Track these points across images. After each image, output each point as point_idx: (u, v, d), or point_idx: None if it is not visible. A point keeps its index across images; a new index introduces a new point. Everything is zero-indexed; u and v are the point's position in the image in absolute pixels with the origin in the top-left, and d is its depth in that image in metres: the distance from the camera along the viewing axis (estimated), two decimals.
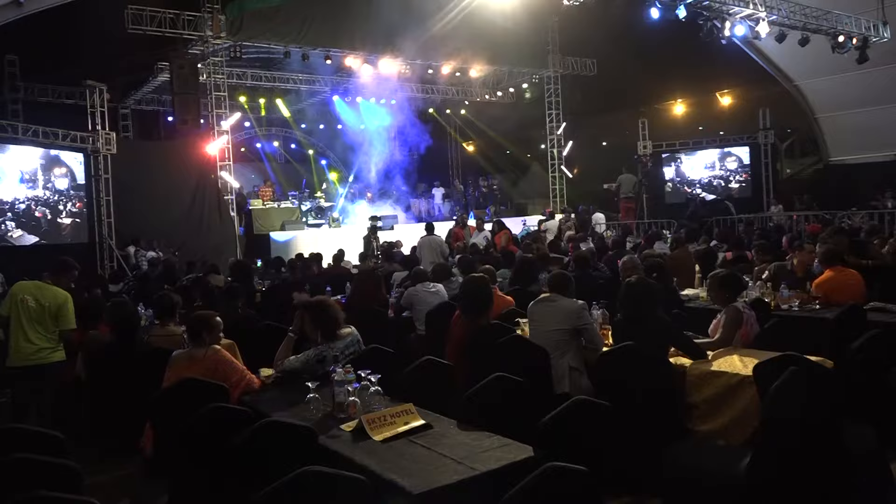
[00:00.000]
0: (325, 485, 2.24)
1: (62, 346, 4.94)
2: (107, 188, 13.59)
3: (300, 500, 2.18)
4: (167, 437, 3.37)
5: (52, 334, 4.90)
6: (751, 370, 3.77)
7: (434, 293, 6.30)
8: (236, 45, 15.75)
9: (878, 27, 13.92)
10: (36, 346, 4.79)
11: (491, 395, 3.30)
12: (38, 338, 4.80)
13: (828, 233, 7.07)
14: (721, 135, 20.69)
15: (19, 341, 4.77)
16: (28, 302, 4.88)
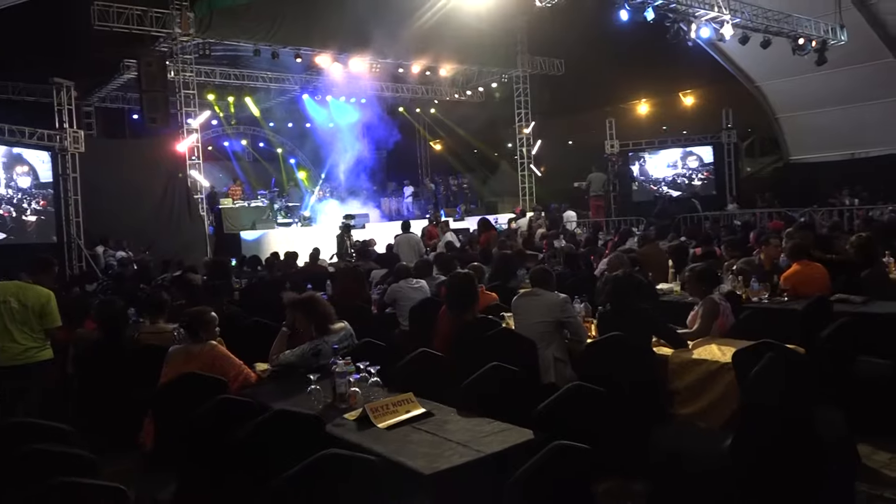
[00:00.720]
0: (344, 466, 2.35)
1: (49, 344, 4.92)
2: (75, 187, 13.39)
3: (320, 482, 2.29)
4: (170, 430, 3.43)
5: (38, 333, 4.88)
6: (729, 357, 3.97)
7: (417, 289, 6.42)
8: (205, 43, 15.63)
9: (835, 30, 14.43)
10: (23, 346, 4.77)
11: (487, 384, 3.42)
12: (25, 338, 4.78)
13: (795, 228, 7.36)
14: (685, 134, 21.17)
15: (5, 342, 4.74)
16: (11, 303, 4.84)
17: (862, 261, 6.49)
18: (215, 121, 21.98)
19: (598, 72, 19.45)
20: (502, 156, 24.39)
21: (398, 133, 23.64)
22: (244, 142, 24.44)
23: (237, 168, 23.27)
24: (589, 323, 4.94)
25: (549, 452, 2.32)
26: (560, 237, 11.94)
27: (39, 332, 4.88)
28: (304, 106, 22.13)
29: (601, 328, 4.55)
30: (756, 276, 6.08)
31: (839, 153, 17.97)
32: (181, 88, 15.67)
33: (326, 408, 3.38)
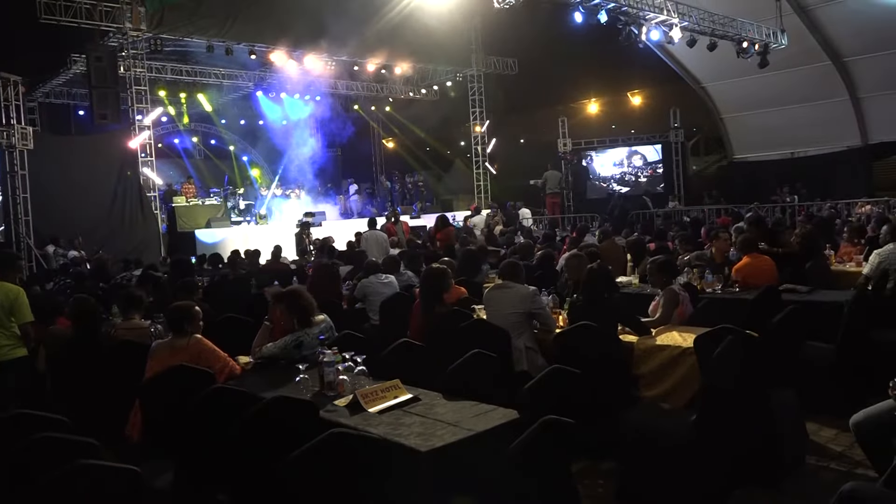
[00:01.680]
0: (351, 444, 2.49)
1: (23, 341, 4.90)
2: (23, 185, 13.05)
3: (330, 460, 2.42)
4: (160, 421, 3.50)
5: (10, 330, 4.85)
6: (690, 343, 4.24)
7: (387, 284, 6.56)
8: (156, 38, 15.35)
9: (777, 34, 15.11)
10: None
11: (468, 370, 3.60)
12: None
13: (748, 222, 7.76)
14: (633, 133, 21.77)
15: None
16: None
17: (805, 253, 6.93)
18: (165, 118, 21.57)
19: (551, 71, 19.85)
20: (456, 154, 24.62)
21: (352, 131, 23.64)
22: (195, 139, 24.05)
23: (189, 166, 22.89)
24: (556, 314, 5.17)
25: (540, 426, 2.51)
26: (518, 234, 12.23)
27: (11, 330, 4.85)
28: (258, 103, 21.92)
29: (572, 318, 4.78)
30: (709, 269, 6.43)
31: (780, 152, 18.80)
32: (132, 84, 15.36)
33: (315, 396, 3.51)
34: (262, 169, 23.81)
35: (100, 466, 2.29)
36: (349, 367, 3.69)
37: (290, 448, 2.61)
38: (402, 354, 4.10)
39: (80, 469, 2.22)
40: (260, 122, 22.88)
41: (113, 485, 2.28)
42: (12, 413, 2.95)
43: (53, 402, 4.76)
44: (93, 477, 2.24)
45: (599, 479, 4.05)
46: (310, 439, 2.62)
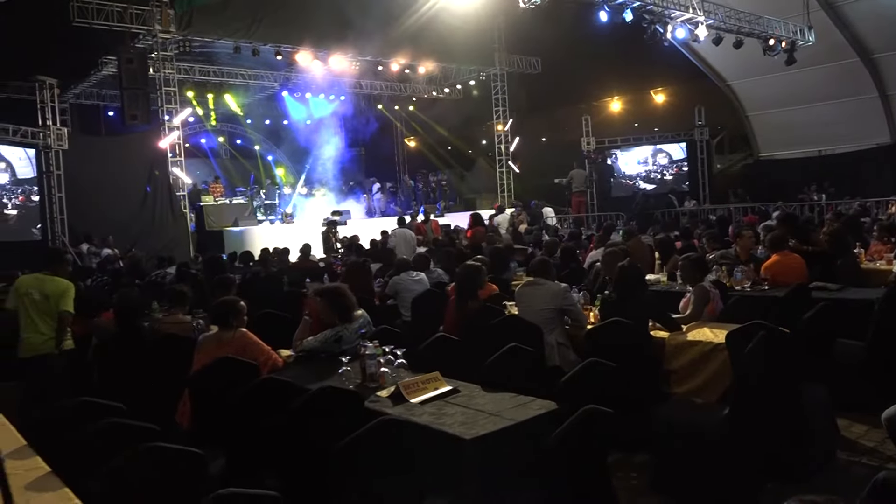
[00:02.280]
0: (399, 431, 2.61)
1: (70, 334, 5.10)
2: (59, 184, 13.37)
3: (379, 446, 2.54)
4: (209, 409, 3.65)
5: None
6: (721, 339, 4.30)
7: (418, 281, 6.69)
8: (185, 40, 15.62)
9: (804, 31, 14.99)
10: (45, 336, 4.95)
11: (506, 364, 3.70)
12: (48, 328, 4.97)
13: (778, 220, 7.78)
14: (656, 131, 21.67)
15: (29, 333, 4.92)
16: (33, 295, 5.03)
17: (835, 251, 6.93)
18: (192, 118, 21.90)
19: (574, 70, 19.84)
20: (478, 153, 24.68)
21: (376, 130, 23.83)
22: (221, 139, 24.38)
23: (215, 165, 23.21)
24: (587, 310, 5.26)
25: (581, 414, 2.61)
26: (543, 233, 12.31)
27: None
28: (283, 103, 22.16)
29: (604, 314, 4.86)
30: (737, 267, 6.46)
31: (807, 150, 18.62)
32: (161, 86, 15.65)
33: (358, 387, 3.63)
34: (286, 168, 24.07)
35: (167, 448, 2.43)
36: (389, 359, 3.81)
37: (337, 435, 2.74)
38: (438, 348, 4.21)
39: (149, 451, 2.36)
40: (284, 121, 23.13)
41: (179, 466, 2.41)
42: (78, 400, 3.10)
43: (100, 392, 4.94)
44: (161, 458, 2.39)
45: (632, 471, 4.13)
46: (355, 428, 2.74)
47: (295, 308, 6.62)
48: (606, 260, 5.93)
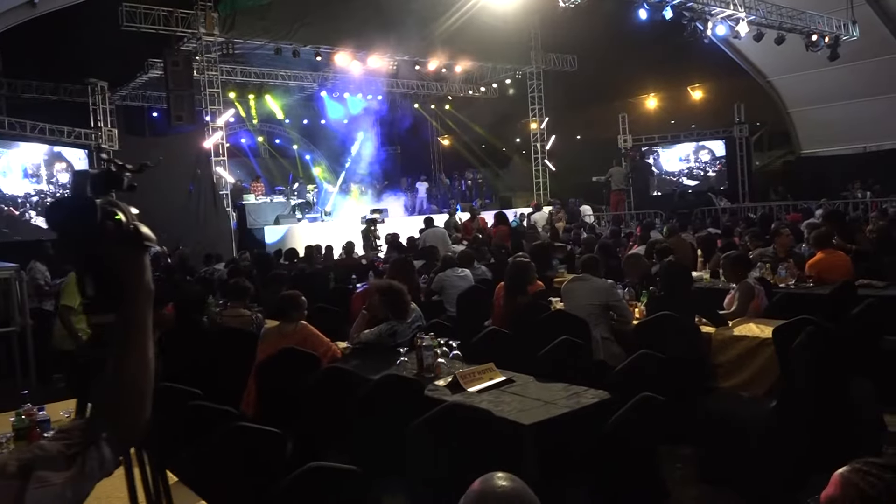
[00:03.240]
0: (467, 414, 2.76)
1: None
2: None
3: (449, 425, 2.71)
4: (274, 396, 3.85)
5: None
6: (767, 334, 4.37)
7: (463, 277, 6.85)
8: (228, 42, 16.00)
9: (847, 26, 14.77)
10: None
11: (557, 356, 3.83)
12: None
13: (824, 216, 7.77)
14: (693, 128, 21.47)
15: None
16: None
17: (880, 249, 6.90)
18: (232, 118, 22.36)
19: (610, 67, 19.76)
20: (513, 150, 24.72)
21: (412, 129, 24.06)
22: (260, 138, 24.82)
23: (255, 164, 23.64)
24: (633, 306, 5.36)
25: (638, 401, 2.73)
26: (581, 230, 12.36)
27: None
28: (320, 103, 22.48)
29: (650, 309, 4.96)
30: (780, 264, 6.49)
31: (851, 147, 18.29)
32: (206, 87, 16.06)
33: (415, 377, 3.79)
34: (323, 167, 24.41)
35: (251, 428, 2.63)
36: (444, 351, 3.98)
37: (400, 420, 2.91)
38: (489, 341, 4.36)
39: (236, 430, 2.56)
40: (322, 121, 23.47)
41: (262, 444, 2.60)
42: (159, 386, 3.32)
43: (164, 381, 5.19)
44: (247, 437, 2.58)
45: (678, 462, 4.23)
46: (417, 413, 2.91)
47: (341, 303, 6.84)
48: (629, 263, 6.03)
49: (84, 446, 1.11)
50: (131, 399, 1.22)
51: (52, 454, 1.08)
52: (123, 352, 1.23)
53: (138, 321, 1.25)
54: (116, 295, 1.25)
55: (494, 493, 1.34)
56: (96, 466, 1.12)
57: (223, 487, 2.25)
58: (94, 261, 1.25)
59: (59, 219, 1.21)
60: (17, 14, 10.83)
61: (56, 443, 1.10)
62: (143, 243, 1.28)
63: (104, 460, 1.13)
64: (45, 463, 1.05)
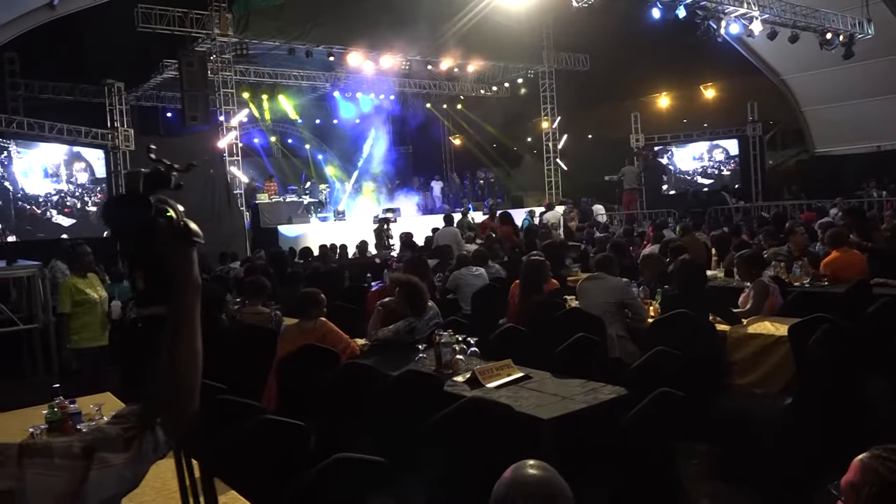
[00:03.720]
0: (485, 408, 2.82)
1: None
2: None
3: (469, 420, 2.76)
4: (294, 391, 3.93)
5: None
6: (783, 332, 4.40)
7: (478, 276, 6.90)
8: (242, 43, 16.12)
9: (862, 24, 14.69)
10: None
11: (574, 353, 3.88)
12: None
13: (844, 213, 7.80)
14: (706, 127, 21.40)
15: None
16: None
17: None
18: (245, 118, 22.49)
19: (622, 66, 19.73)
20: (524, 150, 24.73)
21: (423, 128, 24.13)
22: (273, 138, 24.95)
23: (268, 164, 23.78)
24: (647, 304, 5.39)
25: (656, 396, 2.78)
26: (594, 229, 12.38)
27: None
28: (333, 103, 22.58)
29: (665, 308, 5.00)
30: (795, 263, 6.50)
31: (865, 145, 18.18)
32: (220, 87, 16.18)
33: (433, 373, 3.85)
34: (336, 167, 24.52)
35: (277, 421, 2.70)
36: (462, 348, 4.03)
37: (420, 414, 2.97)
38: (506, 338, 4.42)
39: (263, 422, 2.63)
40: (334, 120, 23.59)
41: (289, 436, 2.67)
42: None
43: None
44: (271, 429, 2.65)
45: (694, 459, 4.26)
46: (436, 409, 2.97)
47: (357, 301, 6.91)
48: (645, 263, 6.06)
49: (140, 430, 1.18)
50: (181, 387, 1.29)
51: (112, 437, 1.14)
52: (173, 343, 1.29)
53: (187, 313, 1.32)
54: (166, 288, 1.32)
55: (526, 480, 1.40)
56: (151, 449, 1.19)
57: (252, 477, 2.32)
58: (145, 256, 1.31)
59: (115, 216, 1.28)
60: (36, 16, 10.99)
61: (114, 426, 1.17)
62: (192, 239, 1.34)
63: (158, 443, 1.20)
64: (105, 445, 1.11)
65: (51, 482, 1.03)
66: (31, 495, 1.01)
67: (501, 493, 1.39)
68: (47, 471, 1.04)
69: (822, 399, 3.84)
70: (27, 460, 1.03)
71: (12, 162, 12.95)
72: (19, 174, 13.06)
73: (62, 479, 1.04)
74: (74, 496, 1.05)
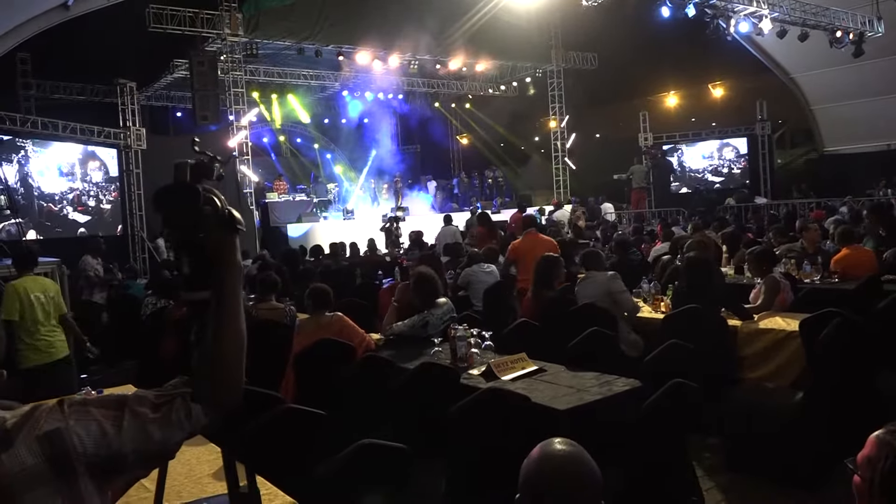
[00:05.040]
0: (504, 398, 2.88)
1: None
2: (138, 182, 14.12)
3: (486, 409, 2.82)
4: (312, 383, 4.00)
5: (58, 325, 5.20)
6: (794, 327, 4.45)
7: (489, 273, 6.97)
8: (252, 43, 16.22)
9: (872, 22, 14.65)
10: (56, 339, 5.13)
11: (587, 346, 3.94)
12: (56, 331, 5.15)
13: (869, 210, 7.86)
14: (714, 126, 21.37)
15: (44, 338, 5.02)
16: (40, 298, 5.04)
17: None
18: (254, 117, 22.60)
19: (630, 65, 19.73)
20: (532, 149, 24.76)
21: (431, 127, 24.20)
22: (282, 137, 25.06)
23: (276, 163, 23.90)
24: (658, 300, 5.44)
25: (670, 387, 2.83)
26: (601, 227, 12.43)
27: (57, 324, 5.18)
28: (341, 102, 22.67)
29: (676, 304, 5.04)
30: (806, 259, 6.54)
31: (876, 144, 18.11)
32: (230, 87, 16.29)
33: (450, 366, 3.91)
34: (344, 166, 24.62)
35: (298, 410, 2.76)
36: (477, 342, 4.09)
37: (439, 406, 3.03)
38: (519, 333, 4.48)
39: (285, 411, 2.69)
40: (343, 120, 23.68)
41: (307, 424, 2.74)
42: None
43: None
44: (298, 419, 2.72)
45: (706, 452, 4.31)
46: (453, 401, 3.03)
47: (368, 298, 6.99)
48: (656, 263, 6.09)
49: (172, 397, 1.26)
50: (227, 365, 1.36)
51: (144, 396, 1.26)
52: (218, 324, 1.36)
53: (231, 296, 1.39)
54: (210, 273, 1.38)
55: (555, 455, 1.45)
56: (183, 417, 1.27)
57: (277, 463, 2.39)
58: (190, 242, 1.38)
59: (166, 204, 1.35)
60: (50, 17, 11.12)
61: (149, 391, 1.26)
62: (235, 226, 1.41)
63: (190, 413, 1.28)
64: (137, 401, 1.24)
65: (89, 426, 1.17)
66: (75, 435, 1.15)
67: (532, 469, 1.45)
68: (85, 416, 1.17)
69: (834, 393, 3.88)
70: (68, 408, 1.18)
71: (29, 161, 13.14)
72: (36, 173, 13.25)
73: (97, 424, 1.17)
74: (111, 440, 1.18)
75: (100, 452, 1.16)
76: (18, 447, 1.10)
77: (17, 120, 12.86)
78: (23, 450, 1.10)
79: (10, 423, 1.13)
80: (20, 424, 1.13)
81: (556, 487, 1.41)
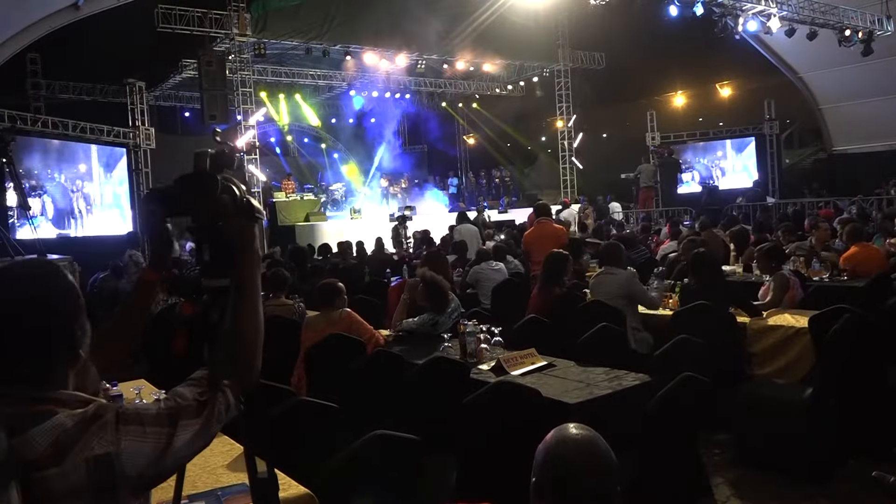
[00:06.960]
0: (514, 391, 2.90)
1: None
2: (147, 182, 14.20)
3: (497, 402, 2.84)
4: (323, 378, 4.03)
5: None
6: (803, 323, 4.45)
7: (498, 271, 6.99)
8: (260, 43, 16.29)
9: (882, 21, 14.59)
10: None
11: (597, 342, 3.95)
12: None
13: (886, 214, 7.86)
14: (721, 125, 21.32)
15: None
16: None
17: None
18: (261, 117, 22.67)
19: (637, 64, 19.70)
20: (539, 148, 24.76)
21: (439, 127, 24.23)
22: (289, 137, 25.14)
23: (284, 163, 23.97)
24: (667, 297, 5.44)
25: (680, 381, 2.84)
26: (610, 227, 12.40)
27: None
28: (348, 102, 22.73)
29: (684, 300, 5.05)
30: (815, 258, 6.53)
31: (885, 143, 18.02)
32: (238, 87, 16.35)
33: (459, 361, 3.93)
34: (351, 165, 24.68)
35: (313, 402, 2.79)
36: (486, 337, 4.11)
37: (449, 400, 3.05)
38: (529, 329, 4.49)
39: (300, 403, 2.72)
40: (350, 120, 23.74)
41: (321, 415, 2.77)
42: None
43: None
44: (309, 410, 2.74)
45: (716, 448, 4.31)
46: (463, 395, 3.04)
47: (377, 296, 7.01)
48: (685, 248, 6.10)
49: (213, 393, 1.29)
50: (247, 348, 1.39)
51: (190, 402, 1.28)
52: (239, 309, 1.39)
53: (250, 283, 1.41)
54: (230, 261, 1.41)
55: (571, 438, 1.47)
56: (223, 410, 1.32)
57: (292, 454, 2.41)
58: (211, 229, 1.41)
59: (184, 191, 1.37)
60: (61, 17, 11.19)
61: (191, 390, 1.29)
62: (254, 215, 1.44)
63: (229, 404, 1.32)
64: (186, 412, 1.26)
65: (141, 447, 1.20)
66: (125, 458, 1.18)
67: (550, 452, 1.46)
68: (139, 437, 1.20)
69: (843, 389, 3.88)
70: (122, 427, 1.19)
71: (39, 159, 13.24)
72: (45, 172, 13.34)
73: (150, 444, 1.21)
74: (159, 458, 1.21)
75: (147, 473, 1.20)
76: (67, 466, 1.13)
77: (27, 119, 12.96)
78: (70, 469, 1.13)
79: (67, 431, 1.14)
80: (74, 439, 1.15)
81: (578, 471, 1.42)
